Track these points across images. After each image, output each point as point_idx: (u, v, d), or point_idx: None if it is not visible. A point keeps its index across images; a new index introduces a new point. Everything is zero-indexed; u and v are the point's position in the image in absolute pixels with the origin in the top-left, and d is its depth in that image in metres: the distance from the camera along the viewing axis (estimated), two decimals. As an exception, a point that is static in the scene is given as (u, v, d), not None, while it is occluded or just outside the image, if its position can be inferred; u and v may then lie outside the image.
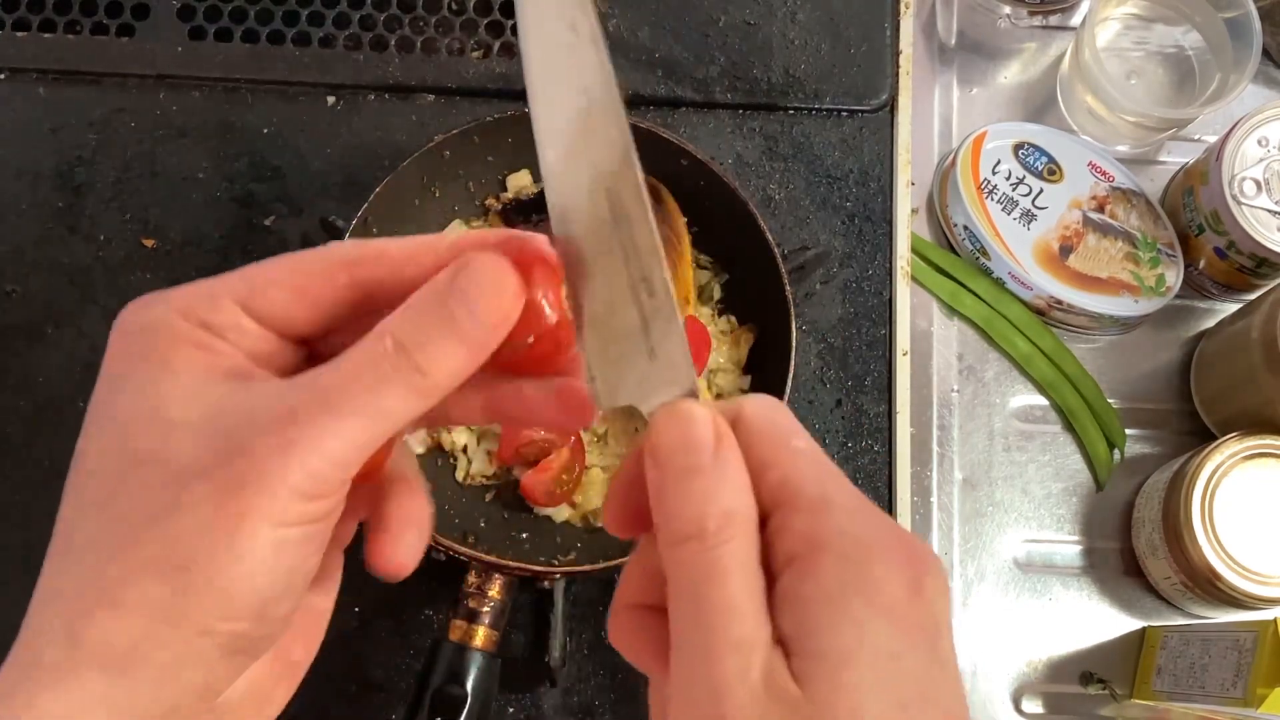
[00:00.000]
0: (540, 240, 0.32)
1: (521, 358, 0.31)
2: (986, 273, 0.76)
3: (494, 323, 0.30)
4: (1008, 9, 0.82)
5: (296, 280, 0.31)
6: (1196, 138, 0.80)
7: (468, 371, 0.30)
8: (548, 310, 0.31)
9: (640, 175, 0.31)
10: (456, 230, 0.71)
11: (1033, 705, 0.70)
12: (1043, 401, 0.75)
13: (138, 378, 0.29)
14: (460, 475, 0.68)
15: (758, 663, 0.27)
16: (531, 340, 0.31)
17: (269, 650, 0.31)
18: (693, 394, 0.31)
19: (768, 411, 0.30)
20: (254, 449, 0.28)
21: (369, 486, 0.33)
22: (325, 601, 0.35)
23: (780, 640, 0.27)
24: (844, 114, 0.79)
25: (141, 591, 0.27)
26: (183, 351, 0.29)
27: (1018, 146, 0.76)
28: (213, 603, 0.28)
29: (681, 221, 0.69)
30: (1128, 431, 0.74)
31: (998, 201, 0.75)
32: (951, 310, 0.76)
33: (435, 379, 0.29)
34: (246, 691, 0.32)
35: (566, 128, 0.31)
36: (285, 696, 0.33)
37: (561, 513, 0.67)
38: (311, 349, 0.32)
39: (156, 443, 0.28)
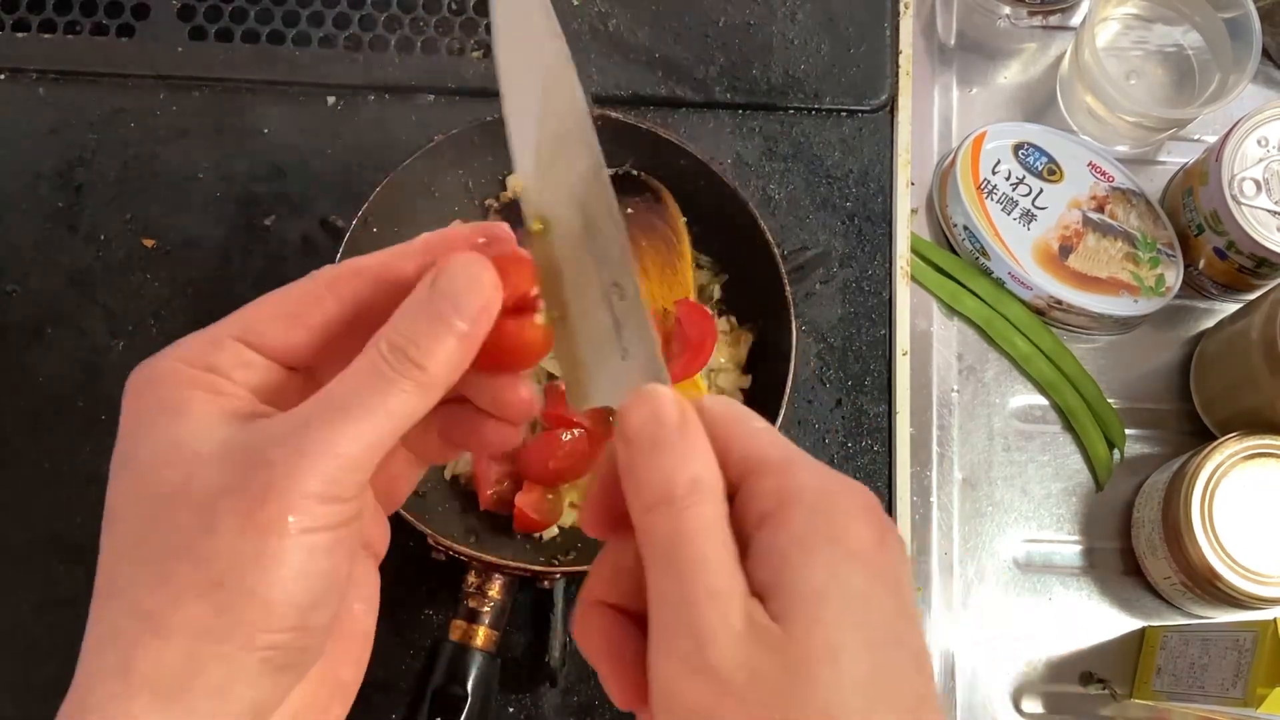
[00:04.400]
0: (504, 230, 0.34)
1: (499, 351, 0.33)
2: (986, 273, 0.76)
3: (477, 313, 0.31)
4: (1008, 9, 0.82)
5: (286, 309, 0.32)
6: (1196, 138, 0.80)
7: (462, 365, 0.31)
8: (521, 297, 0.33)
9: (610, 188, 0.33)
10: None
11: (1033, 705, 0.70)
12: (1043, 401, 0.75)
13: (154, 425, 0.31)
14: (447, 474, 0.68)
15: (736, 608, 0.28)
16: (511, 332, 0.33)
17: (314, 665, 0.32)
18: (661, 383, 0.32)
19: (725, 403, 0.32)
20: (271, 462, 0.29)
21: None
22: (367, 620, 0.35)
23: (756, 592, 0.29)
24: (844, 114, 0.79)
25: (184, 615, 0.29)
26: (193, 395, 0.31)
27: (1017, 146, 0.76)
28: (253, 615, 0.29)
29: (681, 221, 0.69)
30: (1128, 431, 0.74)
31: (997, 201, 0.75)
32: (951, 310, 0.76)
33: (433, 373, 0.31)
34: (299, 713, 0.32)
35: (541, 146, 0.33)
36: (340, 715, 0.34)
37: (566, 517, 0.67)
38: (317, 378, 0.34)
39: (180, 477, 0.30)
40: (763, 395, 0.67)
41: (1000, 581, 0.72)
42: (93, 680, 0.29)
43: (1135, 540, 0.72)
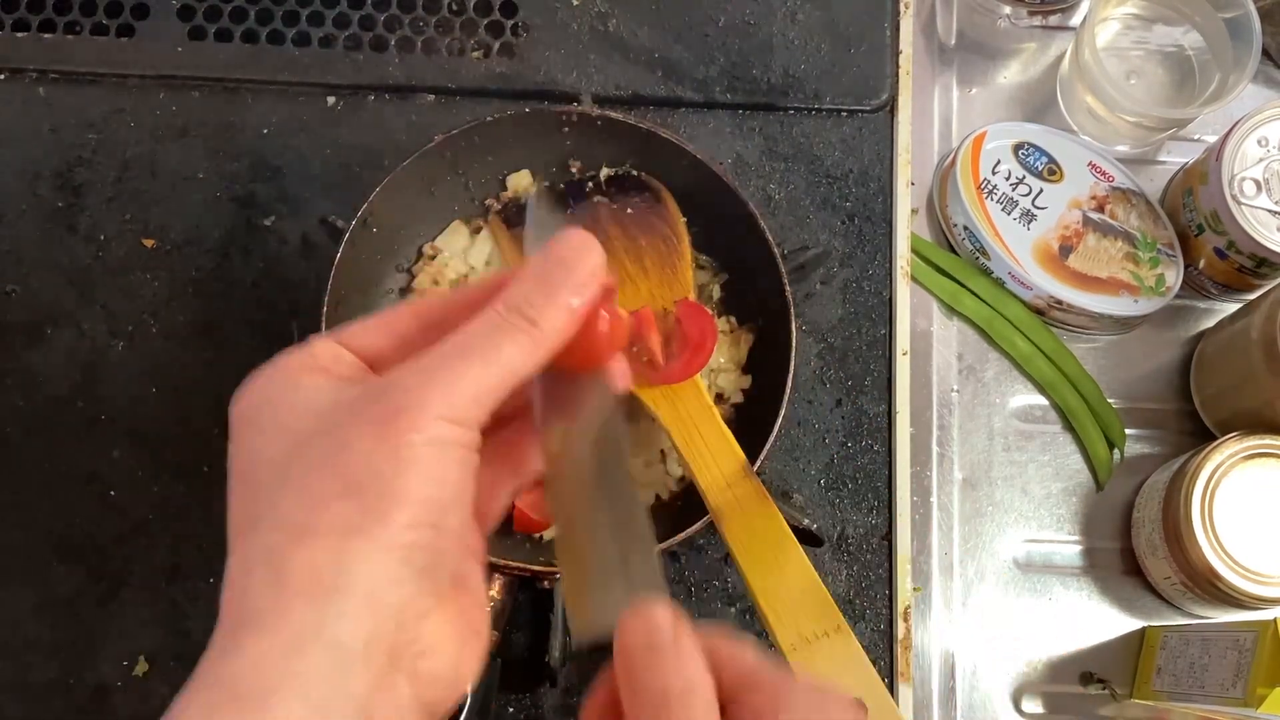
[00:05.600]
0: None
1: (583, 343, 0.36)
2: (986, 273, 0.76)
3: (586, 278, 0.35)
4: (1008, 9, 0.82)
5: (373, 320, 0.37)
6: (1196, 138, 0.80)
7: (570, 327, 0.35)
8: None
9: (623, 435, 0.37)
10: (457, 230, 0.71)
11: (1033, 705, 0.70)
12: (1043, 401, 0.75)
13: (274, 400, 0.34)
14: None
15: None
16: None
17: (448, 575, 0.33)
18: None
19: (719, 628, 0.34)
20: (400, 386, 0.32)
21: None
22: (479, 584, 0.37)
23: None
24: (844, 114, 0.79)
25: (330, 515, 0.31)
26: (304, 374, 0.34)
27: (1017, 146, 0.76)
28: (394, 511, 0.31)
29: (681, 222, 0.69)
30: (1128, 431, 0.74)
31: (997, 201, 0.75)
32: (951, 310, 0.76)
33: (546, 330, 0.34)
34: (437, 640, 0.33)
35: None
36: (472, 663, 0.35)
37: None
38: None
39: (312, 424, 0.33)
40: (763, 395, 0.67)
41: (1000, 581, 0.72)
42: (245, 597, 0.31)
43: (1135, 540, 0.72)
